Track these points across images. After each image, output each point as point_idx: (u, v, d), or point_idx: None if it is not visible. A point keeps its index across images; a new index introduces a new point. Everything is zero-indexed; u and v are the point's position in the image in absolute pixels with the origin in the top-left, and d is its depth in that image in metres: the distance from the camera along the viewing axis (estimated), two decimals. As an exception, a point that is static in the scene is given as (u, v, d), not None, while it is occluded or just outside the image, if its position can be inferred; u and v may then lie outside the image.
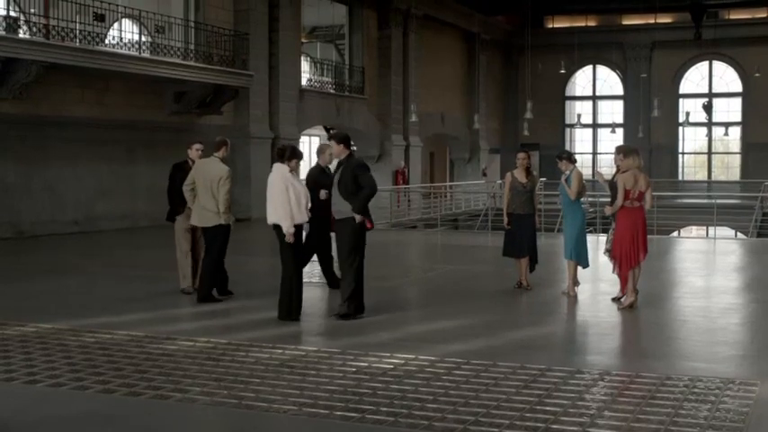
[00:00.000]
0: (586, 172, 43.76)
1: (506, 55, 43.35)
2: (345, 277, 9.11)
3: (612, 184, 10.35)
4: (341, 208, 9.08)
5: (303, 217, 9.08)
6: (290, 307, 9.06)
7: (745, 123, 41.22)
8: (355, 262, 9.06)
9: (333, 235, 9.70)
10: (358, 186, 8.98)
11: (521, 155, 11.50)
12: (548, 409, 5.82)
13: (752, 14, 39.76)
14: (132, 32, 21.43)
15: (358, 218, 8.93)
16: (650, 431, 5.40)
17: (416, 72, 34.13)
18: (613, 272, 10.22)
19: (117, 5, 20.18)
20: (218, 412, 5.86)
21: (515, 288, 11.32)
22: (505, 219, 11.36)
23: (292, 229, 8.93)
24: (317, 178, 10.84)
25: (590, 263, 11.34)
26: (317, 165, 11.30)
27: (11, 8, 19.14)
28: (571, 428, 5.44)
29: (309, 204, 9.20)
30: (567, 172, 10.84)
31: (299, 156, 9.29)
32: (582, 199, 11.34)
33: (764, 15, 39.32)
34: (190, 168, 11.01)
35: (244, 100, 24.59)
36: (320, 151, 11.35)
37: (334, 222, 9.31)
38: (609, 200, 10.82)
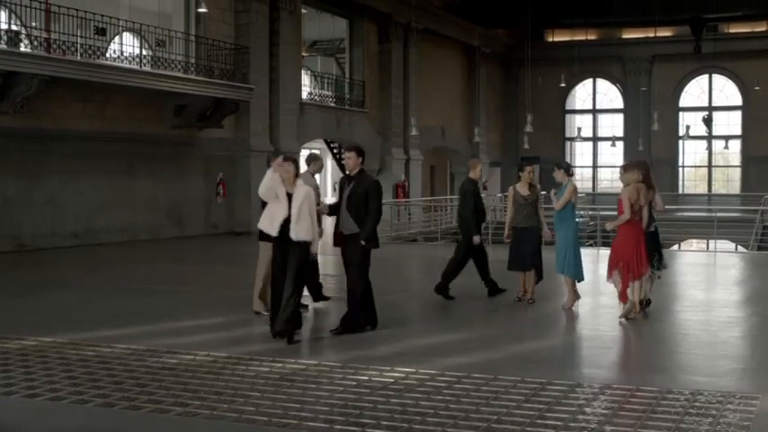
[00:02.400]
0: (587, 185, 44.11)
1: (506, 68, 43.43)
2: (354, 292, 9.08)
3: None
4: (348, 224, 9.02)
5: (274, 231, 8.72)
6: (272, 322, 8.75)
7: (745, 137, 41.25)
8: (364, 278, 9.07)
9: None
10: (366, 206, 8.96)
11: (529, 168, 11.54)
12: (548, 423, 5.81)
13: (751, 28, 39.85)
14: (133, 46, 21.51)
15: (363, 243, 8.94)
16: (651, 445, 5.39)
17: (417, 85, 34.17)
18: (617, 286, 10.16)
19: (118, 19, 20.25)
20: (219, 426, 5.85)
21: (516, 301, 11.30)
22: (506, 232, 11.42)
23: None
24: (478, 192, 11.92)
25: (585, 276, 11.34)
26: (470, 179, 12.04)
27: (12, 22, 19.21)
28: (572, 442, 5.43)
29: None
30: (564, 182, 10.84)
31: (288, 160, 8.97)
32: (576, 211, 11.35)
33: (764, 29, 39.41)
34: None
35: (244, 113, 24.64)
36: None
37: (339, 237, 9.20)
38: (612, 213, 10.91)
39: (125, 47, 21.18)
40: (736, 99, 41.43)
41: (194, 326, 9.78)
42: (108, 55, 20.41)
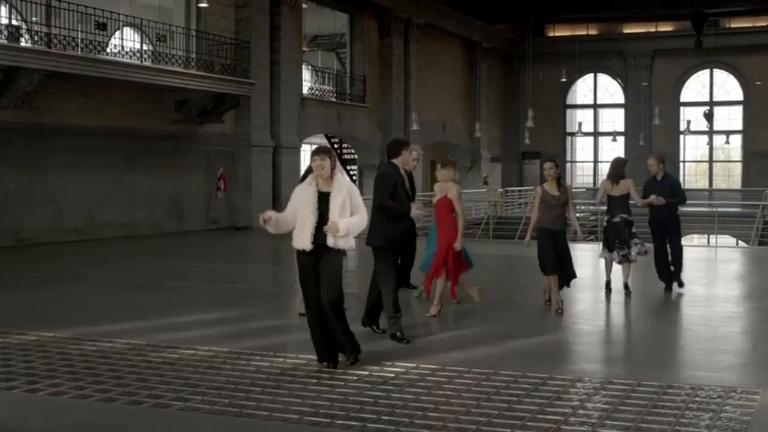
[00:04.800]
0: (588, 180, 44.14)
1: (507, 63, 43.38)
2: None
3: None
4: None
5: (305, 243, 7.06)
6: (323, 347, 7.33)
7: (746, 131, 41.21)
8: None
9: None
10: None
11: (548, 164, 10.35)
12: (549, 417, 5.81)
13: (753, 23, 39.79)
14: (134, 41, 21.50)
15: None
16: (652, 440, 5.39)
17: (417, 81, 34.16)
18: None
19: (118, 14, 20.24)
20: (219, 421, 5.85)
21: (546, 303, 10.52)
22: (528, 236, 10.55)
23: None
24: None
25: (587, 272, 11.33)
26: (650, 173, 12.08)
27: (13, 17, 19.20)
28: (573, 437, 5.43)
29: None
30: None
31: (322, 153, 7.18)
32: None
33: (765, 24, 39.33)
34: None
35: (245, 108, 24.63)
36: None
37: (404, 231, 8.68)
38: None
39: (125, 42, 21.17)
40: (737, 94, 41.40)
41: (195, 321, 9.79)
42: (108, 50, 20.40)
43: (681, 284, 11.99)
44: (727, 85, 41.78)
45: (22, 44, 18.39)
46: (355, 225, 7.05)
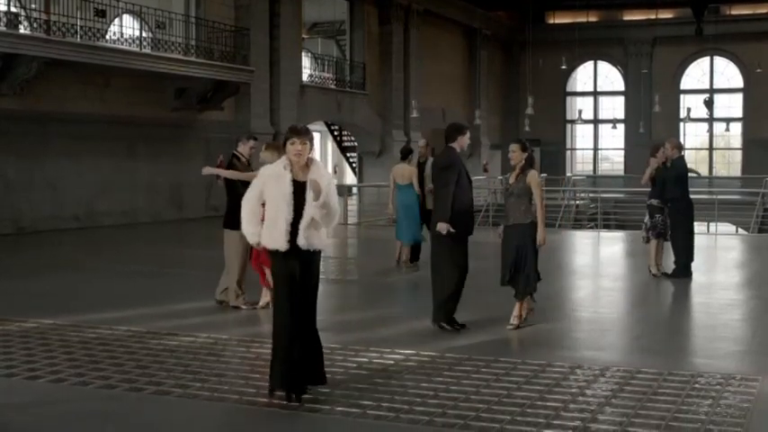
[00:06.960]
0: (588, 167, 44.11)
1: (507, 50, 43.30)
2: None
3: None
4: None
5: (279, 241, 5.90)
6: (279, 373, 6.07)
7: (746, 119, 41.18)
8: None
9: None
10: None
11: (511, 146, 8.75)
12: (549, 404, 5.82)
13: (753, 10, 39.69)
14: (133, 28, 21.44)
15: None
16: (651, 427, 5.40)
17: (417, 68, 34.09)
18: None
19: (118, 1, 20.17)
20: (220, 408, 5.87)
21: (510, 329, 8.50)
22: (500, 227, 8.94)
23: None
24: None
25: (589, 258, 11.35)
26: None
27: (12, 4, 19.14)
28: (572, 424, 5.44)
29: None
30: None
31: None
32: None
33: (766, 11, 39.23)
34: (242, 165, 9.68)
35: (245, 96, 24.58)
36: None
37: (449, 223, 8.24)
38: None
39: (125, 29, 21.11)
40: (738, 81, 41.34)
41: (195, 308, 9.78)
42: (108, 37, 20.34)
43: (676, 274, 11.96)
44: (728, 73, 41.71)
45: (21, 31, 18.33)
46: (332, 208, 5.92)
